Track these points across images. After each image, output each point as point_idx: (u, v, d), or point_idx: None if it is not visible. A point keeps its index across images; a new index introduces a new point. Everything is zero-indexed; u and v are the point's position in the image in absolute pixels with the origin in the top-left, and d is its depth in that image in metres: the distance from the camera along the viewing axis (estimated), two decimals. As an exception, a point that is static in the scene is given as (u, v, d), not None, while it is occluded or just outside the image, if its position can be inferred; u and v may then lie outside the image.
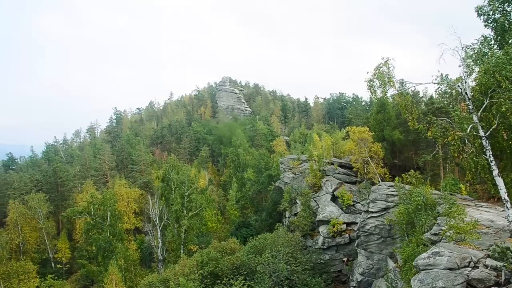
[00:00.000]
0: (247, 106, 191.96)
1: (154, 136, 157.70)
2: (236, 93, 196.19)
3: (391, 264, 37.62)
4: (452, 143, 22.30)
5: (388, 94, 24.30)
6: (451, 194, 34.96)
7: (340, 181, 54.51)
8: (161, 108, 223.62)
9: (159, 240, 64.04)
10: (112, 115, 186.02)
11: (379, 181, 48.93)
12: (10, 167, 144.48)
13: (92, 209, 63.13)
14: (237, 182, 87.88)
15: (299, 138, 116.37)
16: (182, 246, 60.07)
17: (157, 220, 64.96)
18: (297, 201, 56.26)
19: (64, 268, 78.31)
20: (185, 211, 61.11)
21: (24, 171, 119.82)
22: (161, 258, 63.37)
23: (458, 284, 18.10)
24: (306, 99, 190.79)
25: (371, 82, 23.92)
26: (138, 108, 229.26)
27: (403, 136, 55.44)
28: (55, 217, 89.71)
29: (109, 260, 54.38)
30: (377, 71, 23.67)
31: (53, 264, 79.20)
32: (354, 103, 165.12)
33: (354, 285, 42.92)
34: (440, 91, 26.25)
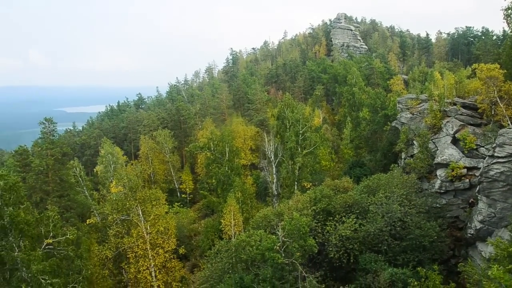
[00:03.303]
0: (363, 44, 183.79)
1: (269, 75, 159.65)
2: (351, 30, 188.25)
3: (516, 213, 35.31)
4: None
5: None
6: None
7: (462, 123, 51.02)
8: (276, 47, 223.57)
9: (274, 176, 66.60)
10: (229, 55, 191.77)
11: (508, 124, 45.07)
12: (140, 106, 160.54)
13: (211, 145, 67.07)
14: (352, 121, 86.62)
15: (419, 77, 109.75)
16: (296, 183, 61.88)
17: (272, 156, 67.24)
18: (414, 142, 54.18)
19: (188, 198, 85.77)
20: (299, 149, 62.36)
21: (152, 110, 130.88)
22: (276, 193, 66.12)
23: None
24: (427, 34, 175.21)
25: (509, 11, 21.37)
26: (253, 48, 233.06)
27: (543, 73, 49.50)
28: (179, 151, 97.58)
29: (228, 193, 57.45)
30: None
31: (178, 194, 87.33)
32: (483, 37, 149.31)
33: (471, 232, 41.10)
34: None
